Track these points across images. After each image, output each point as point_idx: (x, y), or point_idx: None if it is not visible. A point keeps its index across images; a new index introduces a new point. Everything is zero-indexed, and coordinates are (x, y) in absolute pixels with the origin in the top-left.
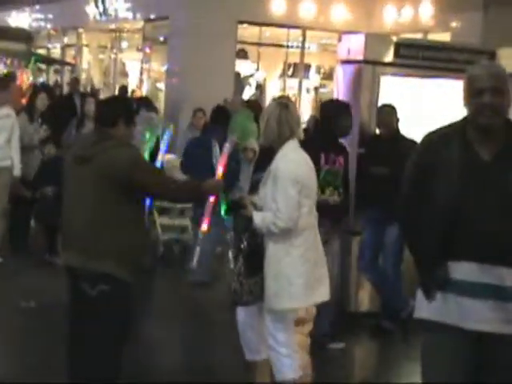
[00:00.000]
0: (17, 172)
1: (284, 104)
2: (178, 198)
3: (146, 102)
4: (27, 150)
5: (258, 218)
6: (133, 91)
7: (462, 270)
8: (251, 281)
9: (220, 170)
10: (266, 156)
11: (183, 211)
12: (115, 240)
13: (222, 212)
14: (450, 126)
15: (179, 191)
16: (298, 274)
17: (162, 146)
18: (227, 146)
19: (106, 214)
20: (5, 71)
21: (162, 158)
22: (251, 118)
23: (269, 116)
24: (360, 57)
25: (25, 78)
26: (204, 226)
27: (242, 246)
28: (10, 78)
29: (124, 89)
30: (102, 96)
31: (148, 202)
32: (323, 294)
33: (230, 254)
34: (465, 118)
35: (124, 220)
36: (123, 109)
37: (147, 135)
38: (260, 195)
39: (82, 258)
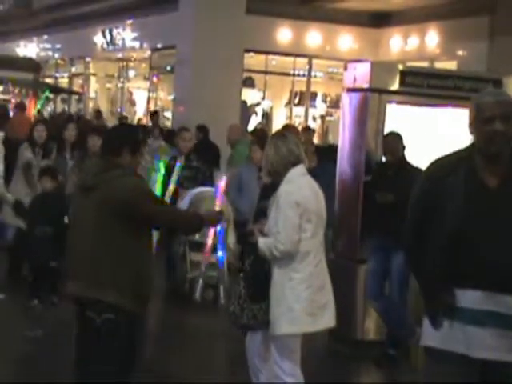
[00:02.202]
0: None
1: (279, 135)
2: (179, 228)
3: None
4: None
5: (261, 243)
6: (139, 120)
7: (468, 298)
8: (255, 306)
9: (219, 202)
10: (271, 184)
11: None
12: (117, 270)
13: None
14: (455, 153)
15: (180, 221)
16: (300, 300)
17: (173, 177)
18: (222, 180)
19: (108, 244)
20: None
21: (172, 188)
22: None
23: (266, 152)
24: (366, 85)
25: (33, 108)
26: (206, 257)
27: (244, 270)
28: (19, 107)
29: (124, 119)
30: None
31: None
32: (328, 320)
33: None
34: (471, 145)
35: (127, 250)
36: (129, 138)
37: (158, 164)
38: (268, 222)
39: (86, 288)
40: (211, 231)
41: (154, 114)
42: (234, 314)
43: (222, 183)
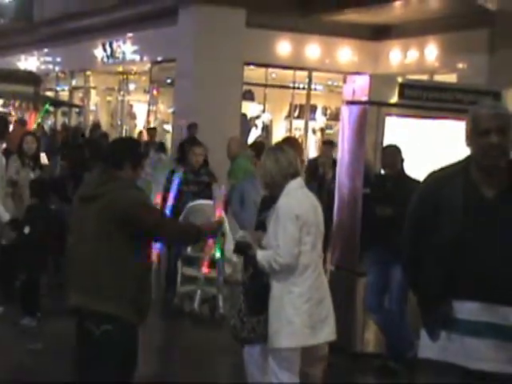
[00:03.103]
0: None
1: (277, 147)
2: (178, 240)
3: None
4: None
5: (260, 256)
6: (140, 132)
7: (465, 310)
8: (254, 319)
9: (218, 214)
10: (271, 197)
11: (214, 262)
12: (116, 281)
13: (218, 254)
14: (453, 165)
15: (179, 232)
16: (299, 313)
17: (172, 190)
18: (222, 191)
19: (107, 255)
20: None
21: (171, 201)
22: (252, 160)
23: (264, 163)
24: (365, 98)
25: (33, 121)
26: (204, 269)
27: (244, 284)
28: (20, 122)
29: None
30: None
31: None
32: (328, 333)
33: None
34: (468, 158)
35: (126, 261)
36: (130, 152)
37: (158, 177)
38: (267, 235)
39: (85, 298)
40: (210, 244)
41: (152, 130)
42: (234, 327)
43: (220, 195)
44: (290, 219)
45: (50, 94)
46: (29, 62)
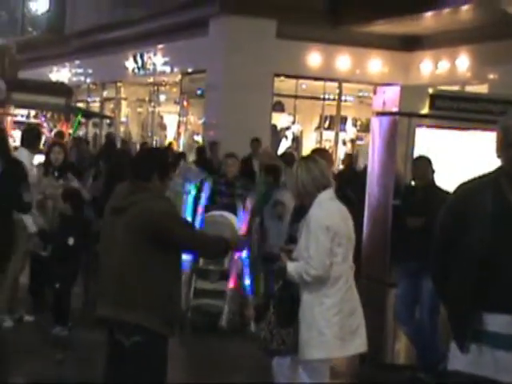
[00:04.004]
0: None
1: (309, 158)
2: (205, 252)
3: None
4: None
5: (291, 268)
6: (170, 144)
7: (496, 322)
8: (284, 331)
9: (244, 227)
10: (302, 208)
11: (227, 275)
12: (146, 291)
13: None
14: (483, 176)
15: (206, 245)
16: (330, 325)
17: (202, 199)
18: (249, 204)
19: (136, 266)
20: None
21: (201, 210)
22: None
23: (296, 173)
24: (395, 108)
25: (65, 131)
26: (231, 283)
27: (273, 296)
28: (58, 135)
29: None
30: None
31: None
32: (359, 345)
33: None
34: (498, 169)
35: (155, 272)
36: (158, 164)
37: (189, 187)
38: (297, 246)
39: (115, 309)
40: (236, 258)
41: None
42: (264, 339)
43: (249, 207)
44: (321, 230)
45: (81, 105)
46: (60, 74)
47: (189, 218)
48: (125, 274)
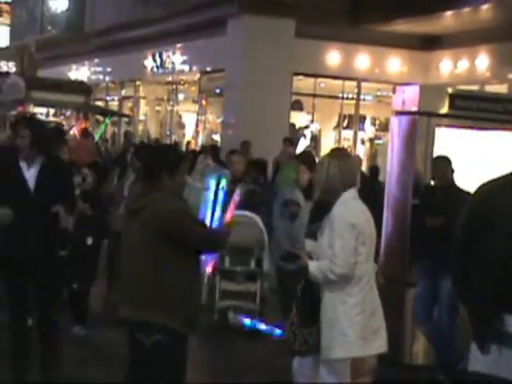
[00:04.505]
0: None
1: (337, 155)
2: (214, 251)
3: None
4: None
5: (313, 267)
6: (188, 142)
7: None
8: (306, 331)
9: (228, 217)
10: (322, 207)
11: (253, 276)
12: (164, 291)
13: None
14: (504, 176)
15: (218, 246)
16: (352, 324)
17: (220, 196)
18: (236, 196)
19: (154, 266)
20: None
21: (220, 208)
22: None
23: (326, 169)
24: (415, 108)
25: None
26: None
27: (296, 296)
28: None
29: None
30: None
31: (209, 266)
32: (380, 345)
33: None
34: None
35: (173, 271)
36: (165, 161)
37: (209, 183)
38: (318, 245)
39: (135, 310)
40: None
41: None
42: (288, 340)
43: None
44: (346, 228)
45: (100, 103)
46: (79, 72)
47: (208, 215)
48: (143, 274)
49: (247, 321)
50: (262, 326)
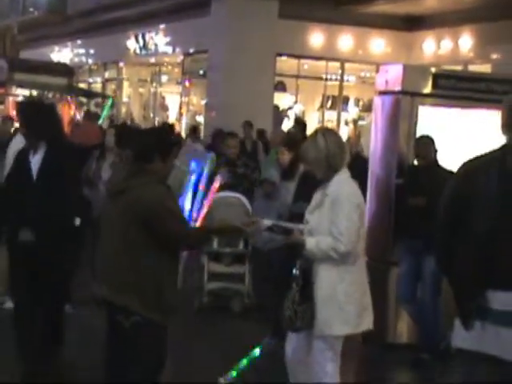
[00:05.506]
0: None
1: (332, 132)
2: (192, 247)
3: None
4: None
5: (311, 243)
6: (172, 124)
7: (500, 300)
8: (300, 308)
9: (208, 200)
10: (309, 185)
11: (241, 257)
12: (139, 279)
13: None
14: (487, 154)
15: (197, 243)
16: (350, 301)
17: (203, 178)
18: (219, 178)
19: (130, 251)
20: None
21: (202, 189)
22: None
23: (325, 145)
24: (398, 88)
25: (67, 112)
26: None
27: (295, 272)
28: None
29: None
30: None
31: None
32: (369, 322)
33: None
34: (503, 147)
35: (149, 260)
36: (160, 144)
37: (192, 166)
38: (309, 221)
39: (112, 293)
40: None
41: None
42: (289, 318)
43: (216, 184)
44: (353, 207)
45: (82, 85)
46: (62, 54)
47: (190, 198)
48: (119, 259)
49: None
50: None
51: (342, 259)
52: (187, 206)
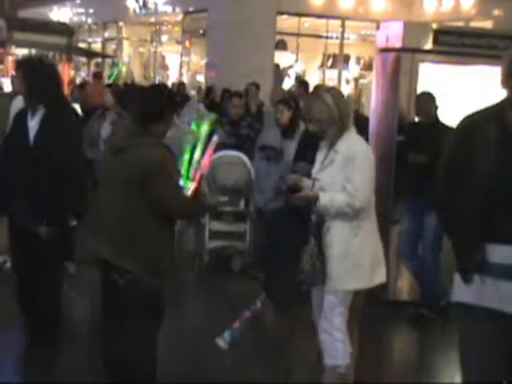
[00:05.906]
0: None
1: (337, 91)
2: (185, 218)
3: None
4: None
5: (325, 199)
6: (173, 84)
7: (500, 253)
8: (318, 261)
9: (205, 162)
10: (308, 145)
11: (242, 216)
12: (134, 241)
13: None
14: (487, 108)
15: (187, 212)
16: (365, 256)
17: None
18: (215, 139)
19: (126, 212)
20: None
21: (200, 149)
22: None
23: (335, 102)
24: (399, 44)
25: (67, 72)
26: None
27: (312, 227)
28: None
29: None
30: None
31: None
32: (382, 275)
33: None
34: (503, 101)
35: (144, 222)
36: (167, 105)
37: (194, 126)
38: (320, 180)
39: (109, 251)
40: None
41: (180, 85)
42: (309, 273)
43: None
44: (368, 163)
45: (82, 45)
46: (62, 14)
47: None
48: (117, 218)
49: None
50: None
51: (354, 215)
52: (185, 165)
